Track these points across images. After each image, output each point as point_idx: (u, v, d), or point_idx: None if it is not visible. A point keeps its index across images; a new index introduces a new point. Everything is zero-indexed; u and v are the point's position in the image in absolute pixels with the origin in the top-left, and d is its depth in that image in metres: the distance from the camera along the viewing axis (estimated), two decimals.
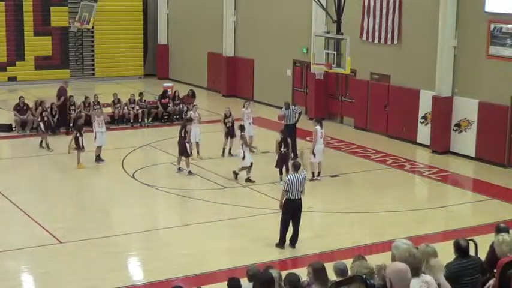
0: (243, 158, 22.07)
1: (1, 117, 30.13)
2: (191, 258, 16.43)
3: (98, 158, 24.12)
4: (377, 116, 29.02)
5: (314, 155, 22.38)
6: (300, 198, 16.61)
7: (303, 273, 9.93)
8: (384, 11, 28.39)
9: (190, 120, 24.43)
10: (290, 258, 16.49)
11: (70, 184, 22.50)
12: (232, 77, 37.05)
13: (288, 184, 16.49)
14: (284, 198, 16.62)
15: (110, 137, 25.22)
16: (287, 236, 16.81)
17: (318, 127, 22.61)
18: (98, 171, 23.67)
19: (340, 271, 10.05)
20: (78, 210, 20.17)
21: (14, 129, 28.49)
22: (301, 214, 16.73)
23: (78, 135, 23.56)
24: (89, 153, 23.94)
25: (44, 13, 39.88)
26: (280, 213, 16.82)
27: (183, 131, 23.32)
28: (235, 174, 22.23)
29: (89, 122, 26.25)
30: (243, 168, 22.10)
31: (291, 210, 16.61)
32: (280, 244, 16.73)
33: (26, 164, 24.77)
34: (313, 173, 22.37)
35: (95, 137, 24.03)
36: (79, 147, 23.48)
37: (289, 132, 23.50)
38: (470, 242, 12.43)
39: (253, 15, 35.77)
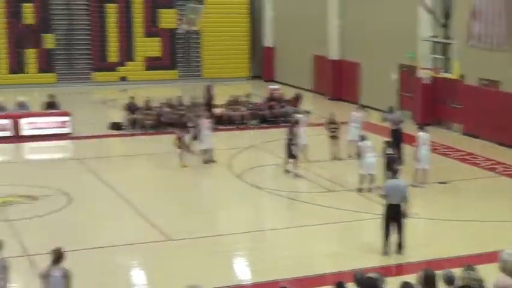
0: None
1: (112, 116, 30.99)
2: (297, 261, 16.49)
3: (208, 161, 24.50)
4: (486, 122, 28.42)
5: (418, 160, 22.17)
6: (399, 205, 16.41)
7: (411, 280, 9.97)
8: (494, 15, 27.74)
9: (297, 123, 24.56)
10: (395, 265, 16.35)
11: (179, 183, 22.94)
12: (338, 80, 36.99)
13: (386, 189, 16.42)
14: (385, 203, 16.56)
15: (216, 138, 25.58)
16: (393, 242, 16.69)
17: (420, 133, 22.41)
18: (206, 172, 24.06)
19: (449, 279, 9.99)
20: (186, 208, 20.54)
21: (124, 127, 29.29)
22: (403, 220, 16.53)
23: (183, 135, 23.93)
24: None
25: (153, 15, 40.85)
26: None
27: (290, 133, 23.47)
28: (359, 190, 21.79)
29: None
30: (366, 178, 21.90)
31: (390, 216, 16.49)
32: (383, 251, 16.64)
33: (135, 162, 25.51)
34: (417, 180, 22.14)
35: (201, 139, 24.43)
36: (185, 147, 23.86)
37: (395, 137, 23.50)
38: None
39: (359, 19, 35.62)
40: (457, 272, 10.10)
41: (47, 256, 11.86)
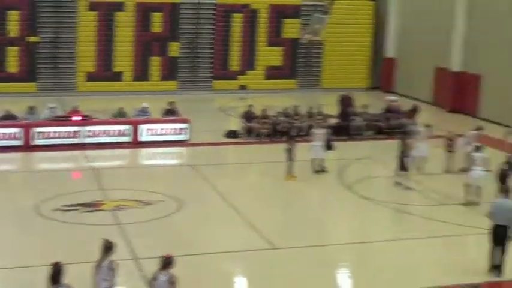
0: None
1: (229, 124, 31.56)
2: (400, 274, 16.44)
3: (320, 170, 24.59)
4: None
5: None
6: (506, 226, 15.96)
7: None
8: None
9: (411, 134, 24.30)
10: (503, 282, 16.01)
11: (287, 192, 23.08)
12: (458, 92, 36.30)
13: (493, 208, 16.05)
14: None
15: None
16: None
17: None
18: (316, 181, 24.12)
19: None
20: (293, 217, 20.69)
21: (240, 135, 29.78)
22: (508, 243, 16.08)
23: (290, 146, 23.99)
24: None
25: (277, 25, 41.33)
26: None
27: (403, 145, 23.28)
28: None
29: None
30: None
31: (495, 236, 16.08)
32: (489, 270, 16.26)
33: (248, 170, 25.92)
34: None
35: (312, 149, 24.57)
36: (290, 159, 23.93)
37: None
38: None
39: (483, 30, 34.87)
40: None
41: (155, 260, 12.29)
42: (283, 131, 29.06)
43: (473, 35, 35.78)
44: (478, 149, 21.82)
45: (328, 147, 25.02)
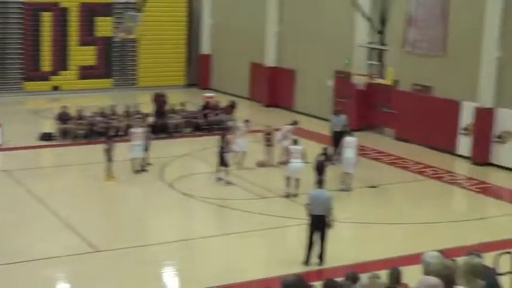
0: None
1: (43, 126, 30.46)
2: (227, 268, 16.46)
3: (140, 170, 24.26)
4: (417, 127, 28.75)
5: (343, 164, 22.65)
6: (324, 215, 16.38)
7: None
8: (430, 21, 28.10)
9: (230, 130, 24.46)
10: (328, 269, 16.35)
11: (108, 193, 22.67)
12: (274, 87, 37.04)
13: (309, 199, 16.40)
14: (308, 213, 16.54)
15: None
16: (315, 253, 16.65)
17: (346, 138, 22.75)
18: (137, 181, 23.76)
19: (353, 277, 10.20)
20: (115, 219, 20.34)
21: (55, 137, 28.80)
22: (327, 231, 16.50)
23: (109, 147, 23.54)
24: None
25: (89, 23, 40.36)
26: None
27: (223, 141, 23.39)
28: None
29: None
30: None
31: (313, 226, 16.45)
32: (305, 261, 16.56)
33: (65, 173, 25.03)
34: (343, 182, 22.31)
35: (131, 149, 24.15)
36: (109, 160, 23.41)
37: (336, 139, 24.65)
38: (506, 255, 12.27)
39: (296, 26, 35.74)
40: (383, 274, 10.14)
41: None
42: (100, 131, 28.45)
43: (286, 31, 36.59)
44: (295, 142, 22.32)
45: (146, 147, 24.72)
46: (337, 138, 24.94)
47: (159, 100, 31.67)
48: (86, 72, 40.45)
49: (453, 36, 27.36)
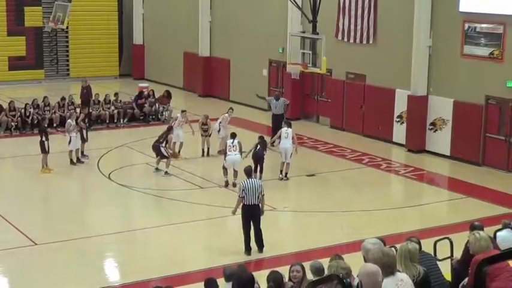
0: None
1: None
2: (168, 259, 16.41)
3: (77, 160, 23.95)
4: (353, 115, 29.08)
5: (280, 154, 22.66)
6: (257, 204, 16.47)
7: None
8: (360, 10, 28.47)
9: (171, 129, 24.23)
10: (269, 258, 16.45)
11: (44, 185, 22.34)
12: (208, 77, 36.98)
13: (242, 190, 16.45)
14: (241, 204, 16.57)
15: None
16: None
17: (283, 128, 22.84)
18: (74, 172, 23.51)
19: (317, 270, 10.08)
20: (53, 211, 20.07)
21: None
22: (260, 219, 16.53)
23: (44, 139, 23.15)
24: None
25: (17, 13, 39.53)
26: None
27: (163, 138, 23.20)
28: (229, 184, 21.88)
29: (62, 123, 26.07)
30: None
31: (248, 216, 16.51)
32: (246, 251, 16.63)
33: None
34: (281, 172, 22.44)
35: (70, 141, 23.78)
36: (45, 152, 23.06)
37: (277, 122, 25.14)
38: (446, 240, 12.53)
39: (229, 15, 35.70)
40: (325, 262, 10.21)
41: None
42: (34, 123, 27.99)
43: (219, 20, 36.50)
44: (232, 136, 22.27)
45: (83, 138, 24.43)
46: (277, 122, 25.22)
47: (82, 91, 31.26)
48: (16, 63, 39.62)
49: (384, 24, 27.73)
